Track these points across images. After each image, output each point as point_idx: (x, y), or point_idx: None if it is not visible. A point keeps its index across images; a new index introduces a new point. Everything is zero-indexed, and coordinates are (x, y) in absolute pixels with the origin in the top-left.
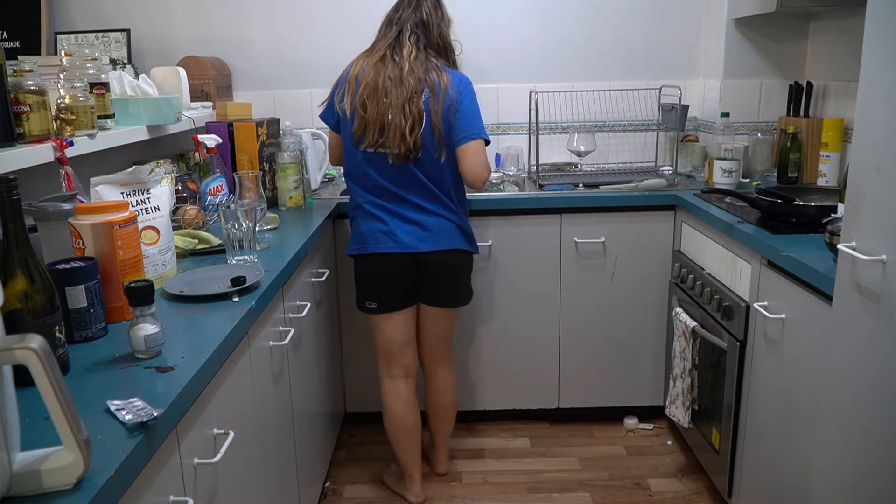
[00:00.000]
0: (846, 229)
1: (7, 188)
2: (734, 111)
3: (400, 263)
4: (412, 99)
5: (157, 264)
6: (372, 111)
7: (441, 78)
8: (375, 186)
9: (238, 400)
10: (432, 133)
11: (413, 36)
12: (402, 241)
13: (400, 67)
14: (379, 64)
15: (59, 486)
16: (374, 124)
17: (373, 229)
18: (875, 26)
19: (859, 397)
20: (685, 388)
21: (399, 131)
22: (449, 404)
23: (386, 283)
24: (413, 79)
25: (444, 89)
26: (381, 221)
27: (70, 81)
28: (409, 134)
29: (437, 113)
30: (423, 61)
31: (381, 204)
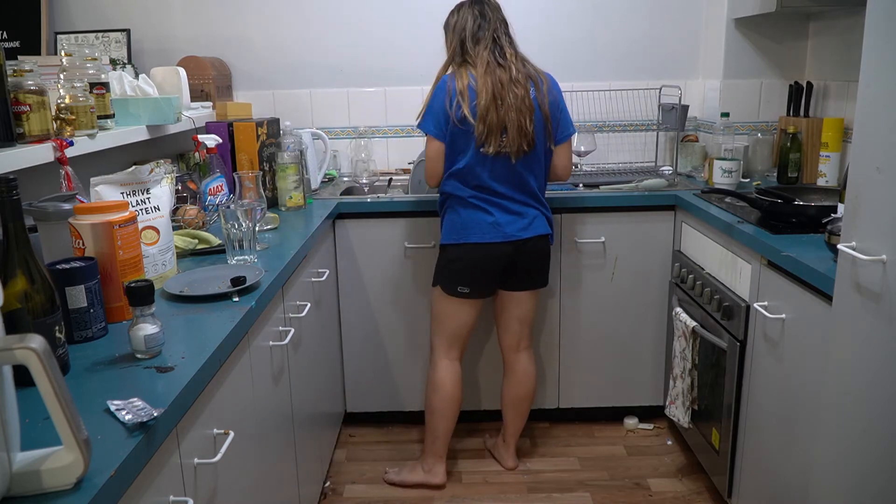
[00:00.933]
0: (846, 229)
1: (7, 188)
2: (734, 111)
3: (501, 252)
4: (524, 99)
5: (157, 264)
6: (492, 118)
7: (539, 74)
8: (480, 183)
9: (238, 400)
10: (544, 124)
11: (506, 38)
12: (506, 231)
13: (508, 70)
14: (489, 74)
15: (59, 486)
16: (496, 130)
17: (478, 220)
18: (875, 26)
19: (859, 397)
20: (685, 388)
21: (520, 128)
22: (529, 393)
23: (483, 270)
24: (522, 77)
25: (546, 84)
26: (487, 213)
27: (70, 81)
28: (529, 127)
29: (545, 105)
30: (522, 60)
31: (485, 198)
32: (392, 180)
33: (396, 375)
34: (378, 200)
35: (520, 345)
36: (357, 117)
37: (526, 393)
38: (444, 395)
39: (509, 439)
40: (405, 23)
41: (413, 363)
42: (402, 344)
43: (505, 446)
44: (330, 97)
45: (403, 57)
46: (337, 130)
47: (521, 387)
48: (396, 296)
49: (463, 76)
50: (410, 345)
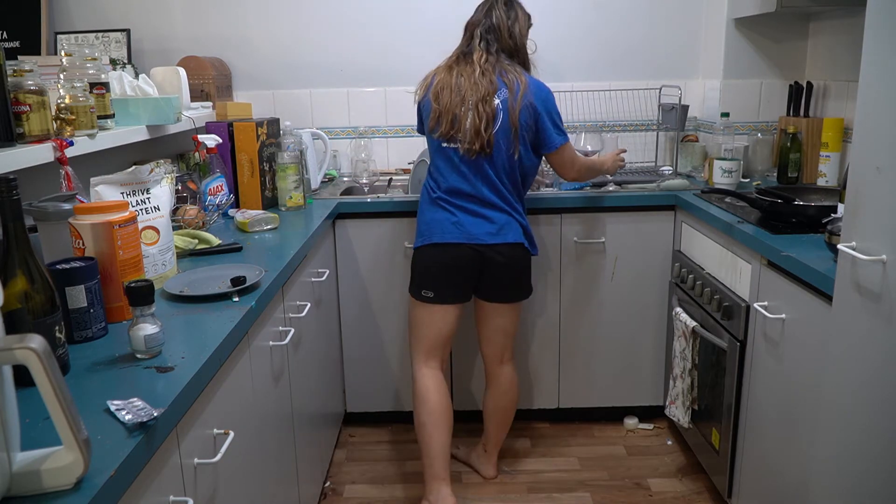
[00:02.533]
0: (846, 229)
1: (7, 188)
2: (734, 111)
3: (465, 254)
4: (486, 99)
5: (157, 264)
6: (445, 101)
7: (519, 79)
8: (446, 181)
9: (238, 400)
10: (508, 129)
11: (483, 42)
12: (469, 232)
13: (472, 70)
14: (451, 68)
15: (59, 486)
16: (446, 114)
17: (440, 219)
18: (875, 26)
19: (859, 397)
20: (685, 388)
21: (473, 128)
22: (511, 403)
23: (447, 273)
24: (486, 80)
25: (523, 90)
26: (450, 213)
27: (70, 81)
28: (484, 131)
29: (515, 111)
30: (493, 64)
31: (450, 199)
32: (392, 180)
33: (396, 375)
34: (378, 200)
35: (503, 356)
36: (357, 117)
37: (509, 403)
38: (430, 408)
39: (491, 449)
40: (405, 23)
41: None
42: (402, 344)
43: (486, 456)
44: (330, 97)
45: (404, 57)
46: (337, 130)
47: (503, 397)
48: (396, 296)
49: (432, 73)
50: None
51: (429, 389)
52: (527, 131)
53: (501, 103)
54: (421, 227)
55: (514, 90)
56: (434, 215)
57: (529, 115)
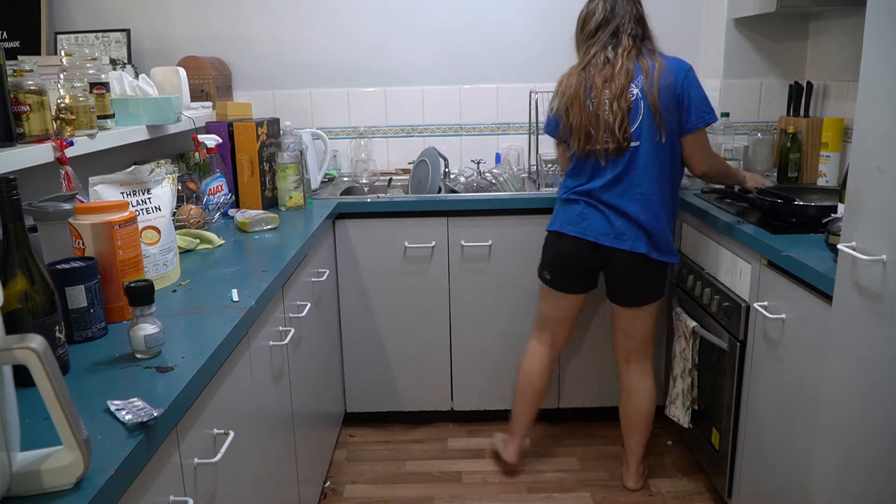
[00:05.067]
0: (846, 229)
1: (7, 188)
2: (734, 111)
3: (580, 249)
4: (621, 95)
5: (157, 264)
6: (575, 118)
7: (655, 60)
8: (582, 180)
9: (238, 400)
10: (652, 118)
11: (633, 31)
12: (586, 229)
13: (612, 65)
14: (584, 71)
15: (59, 486)
16: (578, 131)
17: (569, 212)
18: (875, 26)
19: (859, 397)
20: (685, 388)
21: (608, 128)
22: (638, 409)
23: (563, 262)
24: (623, 72)
25: (659, 70)
26: (578, 205)
27: (70, 81)
28: (619, 129)
29: (654, 93)
30: (637, 53)
31: (582, 191)
32: (392, 180)
33: (396, 375)
34: (378, 200)
35: (628, 357)
36: (357, 117)
37: (636, 407)
38: (521, 374)
39: (628, 457)
40: (405, 23)
41: (413, 363)
42: (402, 344)
43: (626, 465)
44: (330, 97)
45: (403, 57)
46: (337, 130)
47: (630, 400)
48: (396, 296)
49: (565, 75)
50: (410, 345)
51: (526, 359)
52: (669, 113)
53: (639, 91)
54: (554, 214)
55: (649, 74)
56: (562, 207)
57: (669, 94)
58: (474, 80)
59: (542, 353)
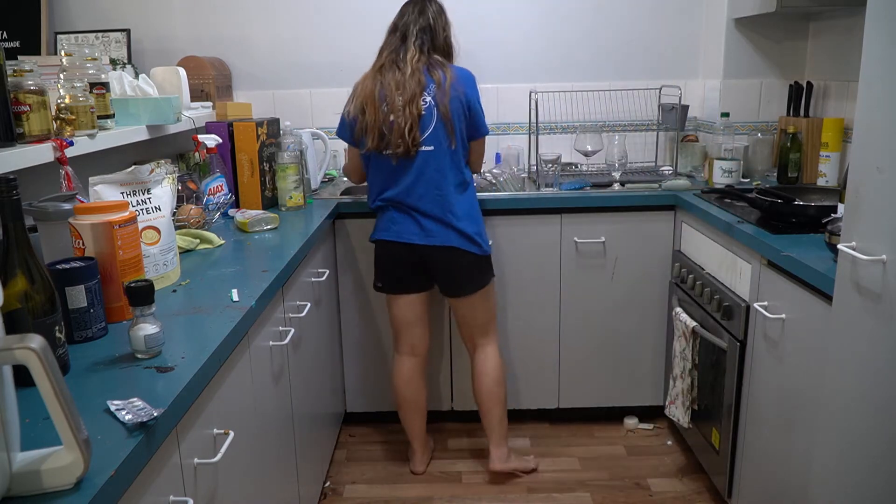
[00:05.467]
0: (846, 229)
1: (7, 188)
2: (734, 111)
3: (400, 251)
4: (413, 100)
5: (158, 264)
6: (370, 116)
7: (446, 72)
8: (383, 186)
9: (238, 400)
10: (443, 125)
11: (418, 40)
12: (399, 231)
13: (402, 73)
14: (378, 74)
15: (59, 486)
16: (372, 130)
17: (384, 218)
18: (875, 26)
19: (859, 397)
20: (685, 388)
21: (398, 132)
22: (488, 386)
23: (390, 267)
24: (414, 81)
25: (450, 81)
26: (389, 212)
27: (70, 81)
28: (408, 133)
29: (445, 104)
30: (425, 63)
31: (387, 198)
32: None
33: None
34: None
35: (473, 342)
36: None
37: (486, 384)
38: (394, 390)
39: (489, 435)
40: None
41: None
42: None
43: (489, 446)
44: (330, 97)
45: None
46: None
47: (480, 380)
48: None
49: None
50: None
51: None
52: (459, 121)
53: (432, 99)
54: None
55: (441, 84)
56: (381, 214)
57: (460, 104)
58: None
59: (406, 363)
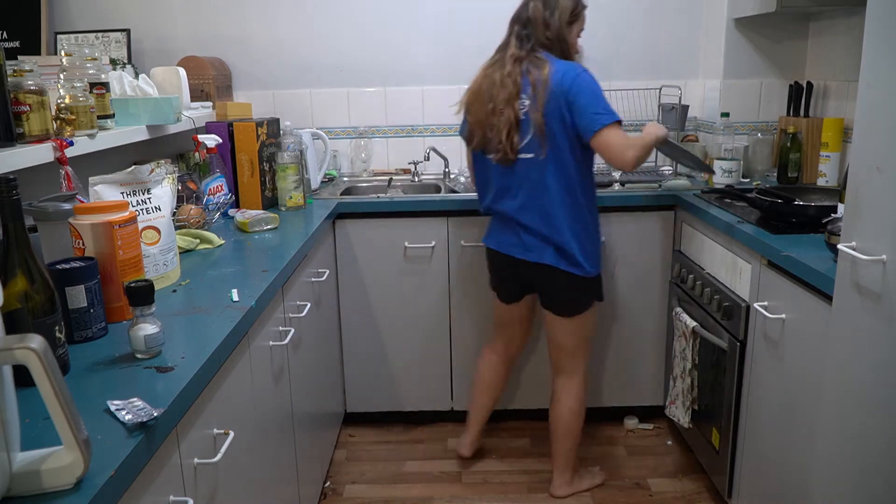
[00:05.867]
0: (846, 229)
1: (7, 188)
2: (734, 111)
3: (501, 261)
4: (510, 102)
5: (157, 264)
6: (475, 115)
7: (542, 71)
8: (486, 190)
9: (238, 400)
10: (538, 132)
11: (518, 35)
12: (500, 242)
13: (501, 69)
14: (489, 69)
15: (59, 486)
16: (477, 128)
17: (491, 224)
18: (875, 26)
19: (859, 397)
20: (685, 388)
21: (498, 136)
22: (558, 416)
23: (495, 274)
24: (510, 80)
25: (545, 82)
26: (494, 219)
27: (70, 81)
28: (506, 138)
29: (539, 109)
30: (524, 59)
31: (489, 205)
32: (392, 180)
33: (396, 375)
34: (378, 200)
35: (556, 367)
36: (357, 117)
37: (556, 414)
38: (477, 376)
39: (553, 461)
40: (405, 23)
41: (413, 363)
42: (402, 344)
43: (555, 473)
44: (330, 97)
45: (403, 57)
46: (337, 130)
47: (554, 407)
48: (396, 296)
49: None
50: (410, 345)
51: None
52: (557, 125)
53: (529, 103)
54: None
55: (536, 85)
56: (490, 221)
57: (557, 106)
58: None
59: (497, 352)
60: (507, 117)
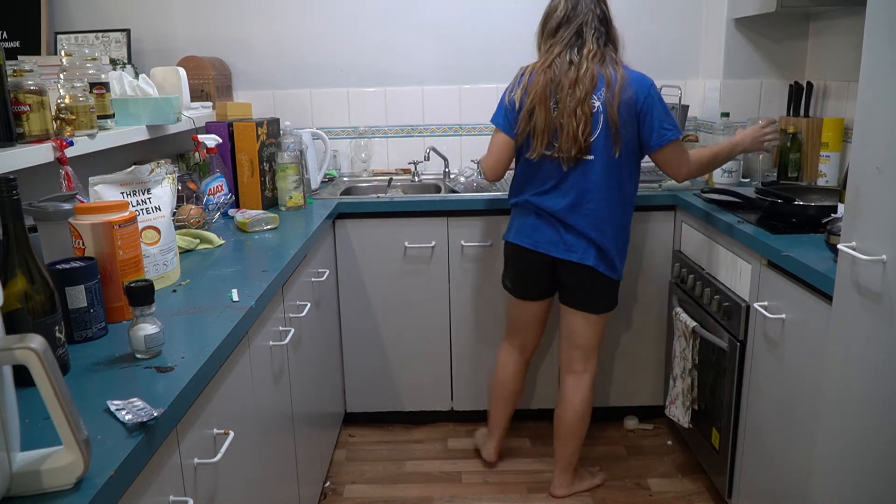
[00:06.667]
0: (846, 229)
1: (7, 188)
2: (734, 111)
3: (534, 259)
4: (585, 100)
5: (157, 264)
6: (541, 118)
7: (618, 71)
8: (532, 187)
9: (238, 400)
10: (609, 132)
11: (596, 32)
12: (538, 240)
13: (577, 67)
14: (549, 69)
15: (59, 486)
16: (542, 134)
17: (524, 222)
18: (875, 26)
19: (859, 397)
20: (685, 388)
21: (571, 134)
22: (564, 417)
23: (520, 272)
24: (588, 77)
25: (621, 83)
26: (530, 217)
27: (70, 81)
28: (581, 135)
29: (614, 107)
30: (601, 58)
31: (533, 202)
32: (392, 180)
33: (396, 375)
34: (378, 200)
35: (569, 366)
36: (357, 117)
37: (565, 413)
38: (495, 379)
39: (556, 461)
40: (405, 23)
41: (413, 363)
42: (402, 344)
43: (555, 469)
44: (330, 97)
45: (403, 57)
46: (337, 130)
47: (561, 406)
48: (396, 295)
49: (529, 70)
50: (410, 345)
51: (497, 364)
52: (626, 129)
53: (601, 103)
54: (510, 223)
55: (611, 85)
56: (521, 216)
57: (629, 109)
58: (474, 80)
59: (514, 358)
60: (583, 113)
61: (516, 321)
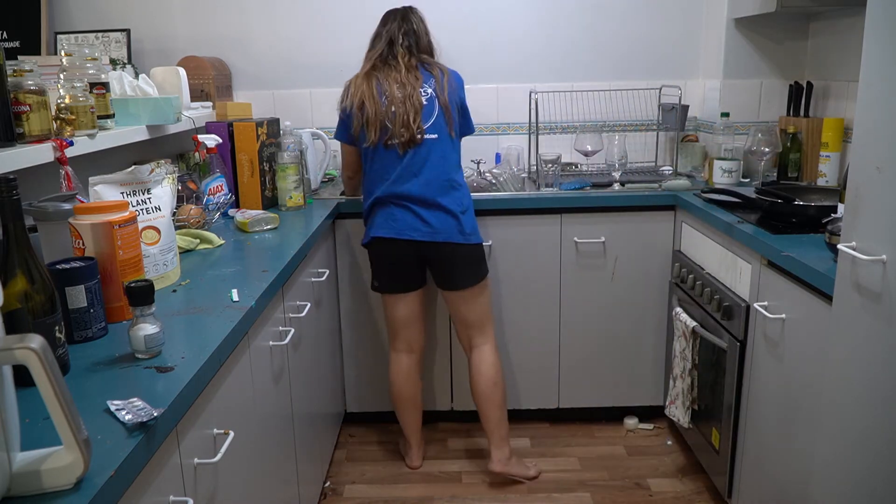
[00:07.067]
0: (846, 229)
1: (7, 188)
2: (734, 111)
3: (399, 249)
4: (413, 93)
5: (157, 264)
6: (371, 109)
7: (443, 70)
8: (385, 180)
9: (238, 400)
10: (444, 115)
11: (405, 42)
12: (400, 228)
13: (398, 70)
14: (371, 73)
15: (59, 486)
16: (374, 123)
17: (382, 215)
18: (875, 26)
19: (859, 397)
20: (685, 388)
21: (402, 121)
22: (484, 387)
23: (388, 266)
24: (412, 76)
25: (447, 78)
26: (387, 208)
27: (70, 81)
28: (412, 121)
29: (444, 96)
30: (417, 61)
31: (389, 193)
32: None
33: None
34: None
35: (470, 343)
36: None
37: (485, 382)
38: (392, 387)
39: (490, 435)
40: None
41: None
42: None
43: (489, 445)
44: (330, 97)
45: None
46: None
47: (477, 379)
48: None
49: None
50: None
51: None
52: (456, 114)
53: (432, 91)
54: (369, 225)
55: (439, 78)
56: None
57: (455, 99)
58: (474, 80)
59: (403, 363)
60: (412, 104)
61: (397, 321)
